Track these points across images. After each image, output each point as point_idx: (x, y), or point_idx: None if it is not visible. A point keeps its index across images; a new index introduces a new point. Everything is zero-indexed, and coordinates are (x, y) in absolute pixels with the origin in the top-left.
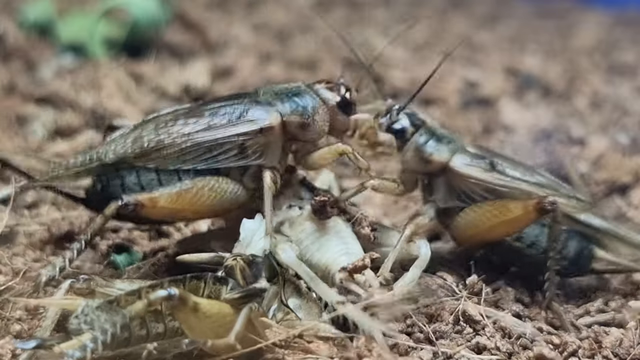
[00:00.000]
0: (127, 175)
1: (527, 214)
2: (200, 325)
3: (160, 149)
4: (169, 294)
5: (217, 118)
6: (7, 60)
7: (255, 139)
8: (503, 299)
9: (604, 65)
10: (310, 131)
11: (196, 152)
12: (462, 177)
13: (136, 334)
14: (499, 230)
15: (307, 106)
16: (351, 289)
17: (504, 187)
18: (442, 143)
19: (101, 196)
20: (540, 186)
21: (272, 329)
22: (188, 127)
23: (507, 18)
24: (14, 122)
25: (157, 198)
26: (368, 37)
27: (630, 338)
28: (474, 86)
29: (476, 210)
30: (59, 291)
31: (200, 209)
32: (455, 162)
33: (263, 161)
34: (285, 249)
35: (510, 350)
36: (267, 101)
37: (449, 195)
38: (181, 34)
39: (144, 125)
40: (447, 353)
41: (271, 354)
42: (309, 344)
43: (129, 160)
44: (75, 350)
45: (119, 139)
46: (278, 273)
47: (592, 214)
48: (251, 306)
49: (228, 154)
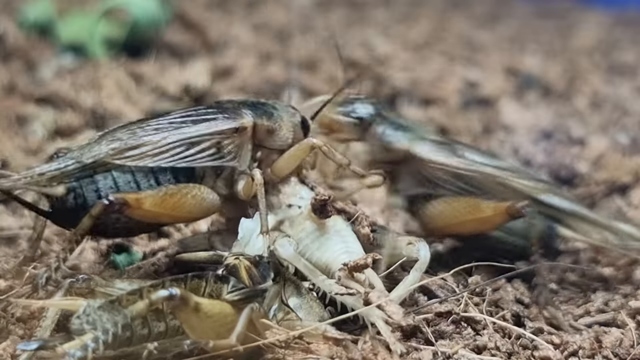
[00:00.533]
0: (102, 180)
1: (498, 216)
2: (201, 325)
3: (138, 146)
4: (170, 294)
5: (192, 118)
6: (7, 60)
7: (231, 139)
8: (503, 299)
9: (604, 65)
10: (277, 139)
11: (174, 149)
12: (425, 163)
13: (138, 333)
14: (469, 227)
15: (275, 113)
16: (350, 287)
17: (467, 170)
18: (401, 130)
19: (73, 206)
20: (502, 169)
21: (272, 330)
22: (164, 126)
23: (507, 18)
24: (14, 122)
25: (143, 199)
26: (368, 37)
27: (630, 338)
28: (474, 86)
29: (449, 203)
30: (58, 291)
31: (179, 214)
32: (417, 149)
33: (236, 163)
34: (283, 244)
35: (510, 350)
36: (239, 107)
37: (414, 183)
38: (181, 34)
39: (117, 129)
40: (446, 353)
41: (271, 354)
42: (309, 344)
43: (107, 160)
44: (77, 350)
45: (91, 144)
46: (279, 272)
47: (553, 195)
48: (252, 307)
49: (205, 153)
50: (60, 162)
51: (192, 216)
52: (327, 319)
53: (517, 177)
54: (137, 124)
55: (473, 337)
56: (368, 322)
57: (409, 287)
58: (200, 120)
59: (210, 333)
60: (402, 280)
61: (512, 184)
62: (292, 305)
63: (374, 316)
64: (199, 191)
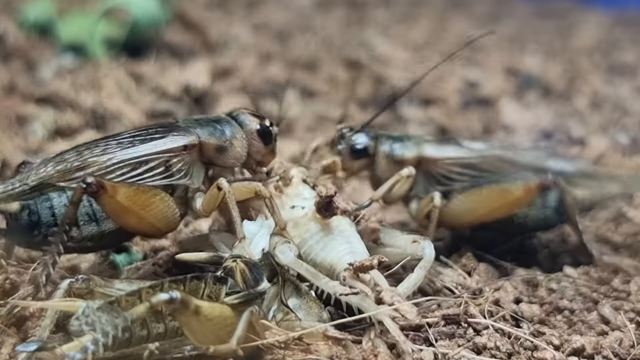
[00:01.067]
0: (56, 197)
1: (530, 194)
2: (201, 327)
3: (84, 168)
4: (170, 297)
5: (140, 138)
6: (7, 60)
7: (180, 157)
8: (503, 299)
9: (604, 65)
10: (227, 156)
11: (121, 170)
12: (438, 161)
13: (137, 335)
14: (501, 212)
15: (225, 130)
16: (356, 287)
17: (477, 158)
18: (405, 141)
19: (28, 223)
20: (504, 149)
21: (272, 331)
22: (111, 147)
23: (507, 18)
24: (14, 122)
25: (118, 188)
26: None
27: (630, 338)
28: (474, 86)
29: (474, 195)
30: (57, 291)
31: (145, 216)
32: (427, 152)
33: (188, 181)
34: (283, 251)
35: (510, 351)
36: (187, 126)
37: (429, 184)
38: (181, 34)
39: (67, 151)
40: (447, 354)
41: (271, 355)
42: (309, 345)
43: (52, 182)
44: (76, 352)
45: (40, 165)
46: (278, 273)
47: (556, 159)
48: (252, 310)
49: (153, 172)
50: (7, 184)
51: (155, 222)
52: (326, 319)
53: (520, 152)
54: (86, 145)
55: (473, 337)
56: (375, 321)
57: (414, 284)
58: (148, 140)
59: (210, 336)
60: (406, 278)
61: (518, 158)
62: (292, 306)
63: (381, 315)
64: (167, 197)
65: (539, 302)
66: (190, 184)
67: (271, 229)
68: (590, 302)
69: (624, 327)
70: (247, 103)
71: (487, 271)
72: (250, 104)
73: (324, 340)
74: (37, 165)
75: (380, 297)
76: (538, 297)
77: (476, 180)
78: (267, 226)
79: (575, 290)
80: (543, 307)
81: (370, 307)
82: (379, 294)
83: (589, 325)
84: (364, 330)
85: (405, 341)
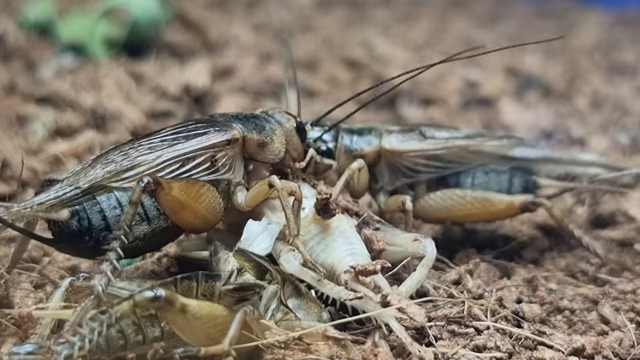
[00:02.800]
0: (106, 200)
1: (510, 210)
2: (189, 326)
3: (133, 167)
4: (155, 295)
5: (183, 134)
6: (7, 60)
7: (224, 151)
8: (504, 299)
9: (604, 65)
10: (267, 151)
11: (169, 167)
12: (401, 154)
13: (132, 340)
14: (474, 218)
15: (265, 126)
16: (357, 290)
17: (442, 149)
18: (365, 134)
19: (78, 229)
20: (471, 137)
21: (272, 331)
22: (156, 145)
23: (507, 18)
24: (14, 122)
25: (173, 183)
26: (368, 37)
27: (630, 338)
28: (474, 86)
29: (456, 196)
30: (58, 290)
31: (199, 208)
32: (388, 144)
33: (231, 175)
34: (288, 260)
35: (510, 351)
36: (227, 121)
37: (395, 177)
38: (181, 34)
39: (110, 152)
40: (446, 353)
41: (271, 355)
42: (308, 344)
43: (103, 183)
44: (63, 347)
45: (86, 169)
46: (268, 271)
47: (523, 147)
48: (246, 310)
49: (200, 167)
50: (58, 190)
51: (207, 215)
52: (326, 319)
53: (486, 141)
54: (128, 144)
55: (473, 337)
56: (381, 323)
57: (417, 283)
58: (192, 136)
59: (199, 334)
60: (408, 277)
61: (484, 148)
62: (291, 306)
63: (387, 317)
64: (214, 190)
65: (539, 302)
66: (233, 178)
67: (275, 234)
68: (590, 302)
69: (624, 327)
70: (247, 103)
71: (488, 271)
72: (250, 104)
73: (324, 340)
74: (82, 169)
75: (387, 300)
76: (538, 297)
77: (442, 170)
78: (271, 229)
79: (575, 290)
80: (543, 307)
81: (376, 309)
82: (385, 297)
83: (589, 325)
84: (367, 333)
85: (413, 343)
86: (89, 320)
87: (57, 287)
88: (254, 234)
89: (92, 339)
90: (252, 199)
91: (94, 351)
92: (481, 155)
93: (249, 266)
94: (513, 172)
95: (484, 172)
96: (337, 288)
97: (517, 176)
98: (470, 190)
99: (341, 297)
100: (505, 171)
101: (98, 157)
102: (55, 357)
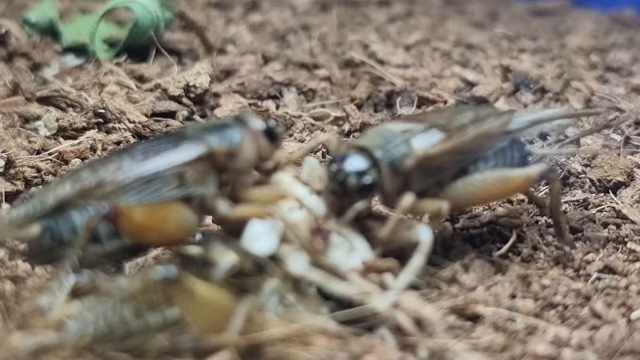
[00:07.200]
0: (78, 217)
1: (528, 183)
2: (197, 309)
3: (101, 187)
4: (167, 271)
5: (153, 152)
6: (10, 61)
7: (194, 168)
8: (499, 294)
9: (599, 66)
10: (237, 161)
11: (136, 187)
12: (433, 158)
13: (135, 327)
14: (497, 198)
15: (235, 135)
16: (364, 286)
17: (465, 141)
18: (396, 145)
19: (50, 245)
20: (476, 120)
21: (272, 324)
22: (125, 164)
23: (503, 18)
24: (17, 122)
25: (134, 209)
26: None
27: (621, 332)
28: (470, 86)
29: (477, 184)
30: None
31: (164, 229)
32: (421, 150)
33: (204, 189)
34: (295, 260)
35: (504, 344)
36: (197, 135)
37: (426, 177)
38: (181, 34)
39: (78, 171)
40: (442, 348)
41: (271, 348)
42: (309, 338)
43: (72, 201)
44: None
45: (54, 186)
46: (263, 266)
47: (518, 118)
48: (249, 301)
49: (169, 186)
50: (27, 207)
51: (174, 234)
52: (326, 313)
53: (494, 121)
54: (100, 161)
55: (468, 331)
56: (387, 317)
57: (414, 271)
58: (162, 154)
59: (205, 319)
60: (405, 266)
61: (486, 130)
62: (292, 300)
63: (393, 311)
64: (183, 209)
65: (533, 297)
66: (206, 192)
67: (281, 232)
68: (583, 298)
69: (615, 322)
70: (247, 103)
71: (483, 267)
72: (250, 104)
73: (324, 334)
74: (49, 187)
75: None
76: (532, 293)
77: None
78: (276, 227)
79: (568, 286)
80: (537, 303)
81: (382, 304)
82: (390, 291)
83: (581, 320)
84: (372, 327)
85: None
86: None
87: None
88: (257, 234)
89: (97, 321)
90: (243, 214)
91: (99, 337)
92: (492, 137)
93: (247, 260)
94: (513, 146)
95: (492, 153)
96: (347, 288)
97: (516, 149)
98: (489, 172)
99: (351, 296)
100: (507, 147)
101: (72, 174)
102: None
